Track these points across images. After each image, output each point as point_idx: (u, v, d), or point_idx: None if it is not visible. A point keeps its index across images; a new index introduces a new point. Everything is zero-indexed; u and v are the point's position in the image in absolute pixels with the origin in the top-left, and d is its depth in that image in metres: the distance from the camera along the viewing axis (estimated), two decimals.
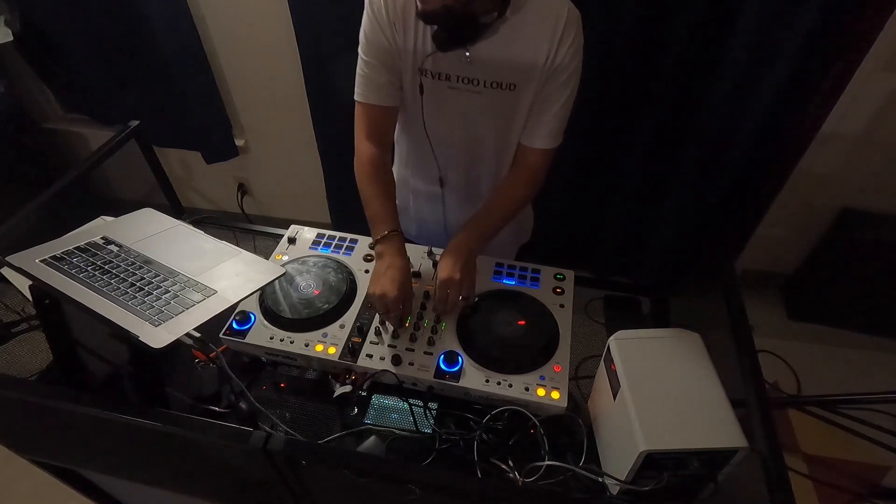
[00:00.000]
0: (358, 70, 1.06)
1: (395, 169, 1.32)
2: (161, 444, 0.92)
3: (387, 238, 1.05)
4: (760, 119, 1.62)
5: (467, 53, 0.98)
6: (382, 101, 1.08)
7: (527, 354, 0.98)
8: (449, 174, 1.23)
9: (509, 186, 1.15)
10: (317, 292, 1.08)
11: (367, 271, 1.13)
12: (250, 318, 1.04)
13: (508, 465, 0.88)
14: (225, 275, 0.97)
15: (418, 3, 0.92)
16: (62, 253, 0.94)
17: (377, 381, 0.99)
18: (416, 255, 1.17)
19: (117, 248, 0.99)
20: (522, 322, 1.03)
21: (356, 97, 1.10)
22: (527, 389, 0.94)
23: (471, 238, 1.07)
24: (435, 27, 0.94)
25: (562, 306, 1.07)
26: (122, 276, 0.92)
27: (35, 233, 1.10)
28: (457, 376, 0.96)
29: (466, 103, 1.06)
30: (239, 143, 2.42)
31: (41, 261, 0.91)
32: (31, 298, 0.91)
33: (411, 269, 1.11)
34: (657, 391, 0.83)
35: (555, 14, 0.95)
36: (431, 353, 0.99)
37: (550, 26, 0.95)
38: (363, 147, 1.11)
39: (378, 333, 1.02)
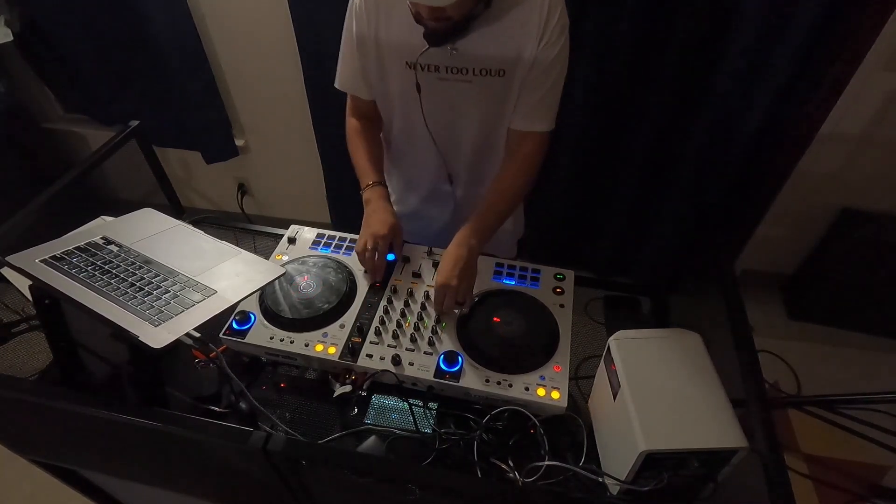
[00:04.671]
0: (339, 57, 1.14)
1: (395, 175, 1.33)
2: (161, 444, 0.92)
3: (371, 187, 1.15)
4: (760, 119, 1.62)
5: (455, 47, 1.00)
6: (360, 93, 1.17)
7: (527, 354, 0.98)
8: (455, 170, 1.24)
9: (507, 178, 1.14)
10: (311, 280, 1.08)
11: (367, 271, 1.13)
12: (250, 318, 1.04)
13: (508, 465, 0.88)
14: (225, 275, 0.97)
15: (424, 24, 0.95)
16: (62, 253, 0.94)
17: (377, 381, 0.99)
18: (417, 255, 1.17)
19: (117, 248, 0.99)
20: (522, 322, 1.03)
21: (336, 84, 1.17)
22: (527, 389, 0.93)
23: (472, 236, 1.07)
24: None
25: (562, 306, 1.07)
26: (122, 276, 0.92)
27: (35, 233, 1.10)
28: (457, 376, 0.96)
29: (456, 93, 1.07)
30: (239, 143, 2.42)
31: (41, 261, 0.90)
32: (31, 298, 0.91)
33: (409, 265, 1.14)
34: (657, 391, 0.83)
35: None
36: (431, 353, 0.99)
37: (536, 10, 0.97)
38: (351, 121, 1.23)
39: (378, 333, 1.02)
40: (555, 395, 0.93)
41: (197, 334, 0.87)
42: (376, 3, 1.02)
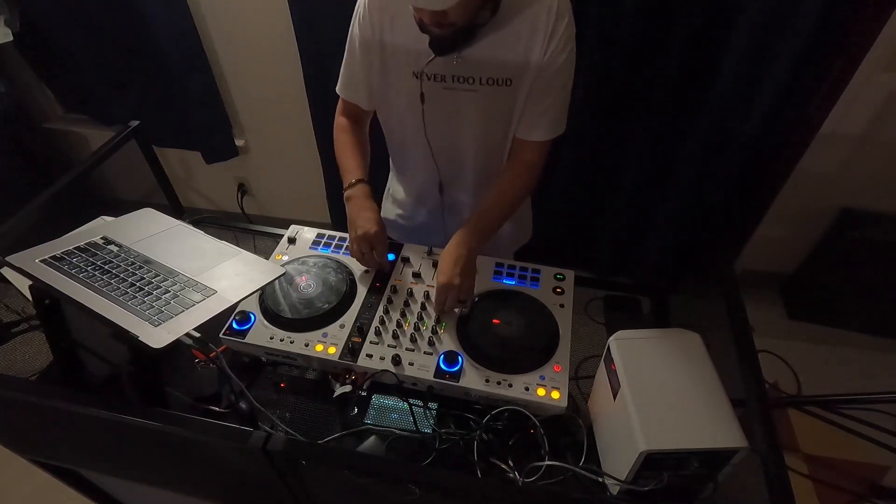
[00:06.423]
0: (343, 63, 1.12)
1: (398, 184, 1.33)
2: (161, 444, 0.92)
3: (354, 185, 1.13)
4: (760, 119, 1.62)
5: (460, 56, 0.98)
6: (360, 102, 1.15)
7: (527, 354, 0.98)
8: (449, 179, 1.23)
9: (507, 182, 1.14)
10: (311, 280, 1.08)
11: (367, 271, 1.13)
12: (250, 318, 1.04)
13: (508, 465, 0.88)
14: (225, 275, 0.97)
15: (428, 31, 0.93)
16: (62, 253, 0.94)
17: (377, 381, 0.99)
18: (417, 255, 1.17)
19: (117, 248, 0.99)
20: (522, 322, 1.03)
21: (337, 89, 1.15)
22: (527, 389, 0.93)
23: (471, 237, 1.07)
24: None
25: (562, 306, 1.07)
26: (122, 276, 0.92)
27: (35, 233, 1.10)
28: (457, 376, 0.96)
29: (462, 102, 1.06)
30: (239, 143, 2.42)
31: (41, 261, 0.91)
32: (31, 298, 0.91)
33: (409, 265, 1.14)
34: (657, 391, 0.83)
35: (546, 5, 0.95)
36: (431, 353, 0.99)
37: (543, 18, 0.96)
38: (340, 119, 1.21)
39: (378, 333, 1.02)
40: (555, 395, 0.93)
41: (197, 334, 0.87)
42: (381, 8, 1.00)
